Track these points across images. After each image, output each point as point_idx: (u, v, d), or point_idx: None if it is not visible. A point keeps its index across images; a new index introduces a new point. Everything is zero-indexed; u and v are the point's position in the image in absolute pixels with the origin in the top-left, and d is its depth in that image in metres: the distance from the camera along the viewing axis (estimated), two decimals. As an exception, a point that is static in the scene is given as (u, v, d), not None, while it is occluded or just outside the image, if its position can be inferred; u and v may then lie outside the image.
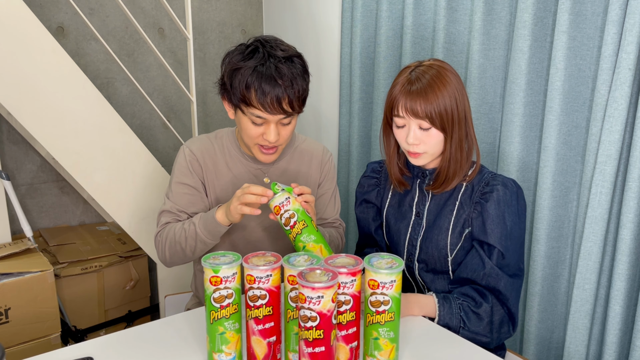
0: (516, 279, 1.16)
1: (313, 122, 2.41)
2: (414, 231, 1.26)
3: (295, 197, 1.11)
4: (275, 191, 1.11)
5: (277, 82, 1.14)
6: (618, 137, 1.26)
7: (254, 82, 1.15)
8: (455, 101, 1.13)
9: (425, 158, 1.18)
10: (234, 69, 1.18)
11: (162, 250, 1.30)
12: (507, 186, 1.15)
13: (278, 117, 1.19)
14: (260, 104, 1.15)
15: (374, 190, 1.36)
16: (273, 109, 1.16)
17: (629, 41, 1.20)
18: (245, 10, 2.71)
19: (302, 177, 1.40)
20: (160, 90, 2.53)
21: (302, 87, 1.20)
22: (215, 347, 0.90)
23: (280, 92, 1.15)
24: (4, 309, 1.64)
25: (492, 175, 1.19)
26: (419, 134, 1.14)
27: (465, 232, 1.19)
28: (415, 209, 1.26)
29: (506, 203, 1.14)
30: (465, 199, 1.19)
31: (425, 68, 1.15)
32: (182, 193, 1.31)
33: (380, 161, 1.40)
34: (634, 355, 1.26)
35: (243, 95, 1.16)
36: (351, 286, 0.87)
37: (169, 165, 2.48)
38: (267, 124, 1.20)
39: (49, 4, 2.17)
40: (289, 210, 1.09)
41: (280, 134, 1.22)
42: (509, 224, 1.14)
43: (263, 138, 1.22)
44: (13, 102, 1.65)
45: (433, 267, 1.24)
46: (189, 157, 1.33)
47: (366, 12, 1.98)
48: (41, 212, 2.28)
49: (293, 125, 1.25)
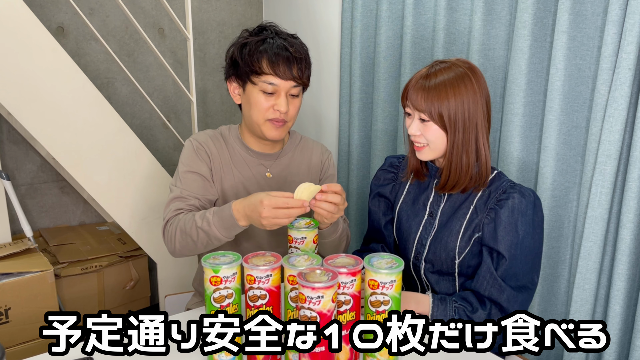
0: (523, 291, 1.14)
1: (313, 122, 2.41)
2: (425, 230, 1.25)
3: (311, 237, 1.12)
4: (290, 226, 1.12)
5: (288, 50, 1.23)
6: (618, 137, 1.26)
7: (265, 49, 1.22)
8: (465, 109, 1.12)
9: (428, 153, 1.18)
10: (242, 44, 1.25)
11: (172, 240, 1.24)
12: (525, 195, 1.13)
13: (289, 85, 1.24)
14: (272, 69, 1.21)
15: (389, 185, 1.36)
16: (284, 74, 1.22)
17: (629, 41, 1.20)
18: (245, 10, 2.71)
19: (303, 173, 1.40)
20: (160, 90, 2.53)
21: (308, 58, 1.29)
22: (215, 347, 0.90)
23: (290, 58, 1.23)
24: (4, 309, 1.64)
25: (510, 184, 1.17)
26: (420, 126, 1.15)
27: (475, 236, 1.17)
28: (429, 208, 1.26)
29: (520, 212, 1.12)
30: (480, 205, 1.18)
31: (446, 67, 1.14)
32: (192, 180, 1.30)
33: (399, 156, 1.40)
34: (634, 355, 1.26)
35: (254, 64, 1.22)
36: (351, 286, 0.87)
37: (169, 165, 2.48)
38: (278, 94, 1.24)
39: (49, 4, 2.17)
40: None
41: (289, 107, 1.26)
42: (520, 233, 1.12)
43: (274, 110, 1.25)
44: (13, 102, 1.65)
45: (439, 268, 1.24)
46: (196, 146, 1.34)
47: (366, 12, 1.98)
48: (41, 212, 2.28)
49: (299, 101, 1.30)
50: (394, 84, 1.92)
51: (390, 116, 1.95)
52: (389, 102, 1.94)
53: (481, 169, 1.17)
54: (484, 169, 1.17)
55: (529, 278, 1.15)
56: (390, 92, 1.93)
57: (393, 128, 1.96)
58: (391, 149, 1.98)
